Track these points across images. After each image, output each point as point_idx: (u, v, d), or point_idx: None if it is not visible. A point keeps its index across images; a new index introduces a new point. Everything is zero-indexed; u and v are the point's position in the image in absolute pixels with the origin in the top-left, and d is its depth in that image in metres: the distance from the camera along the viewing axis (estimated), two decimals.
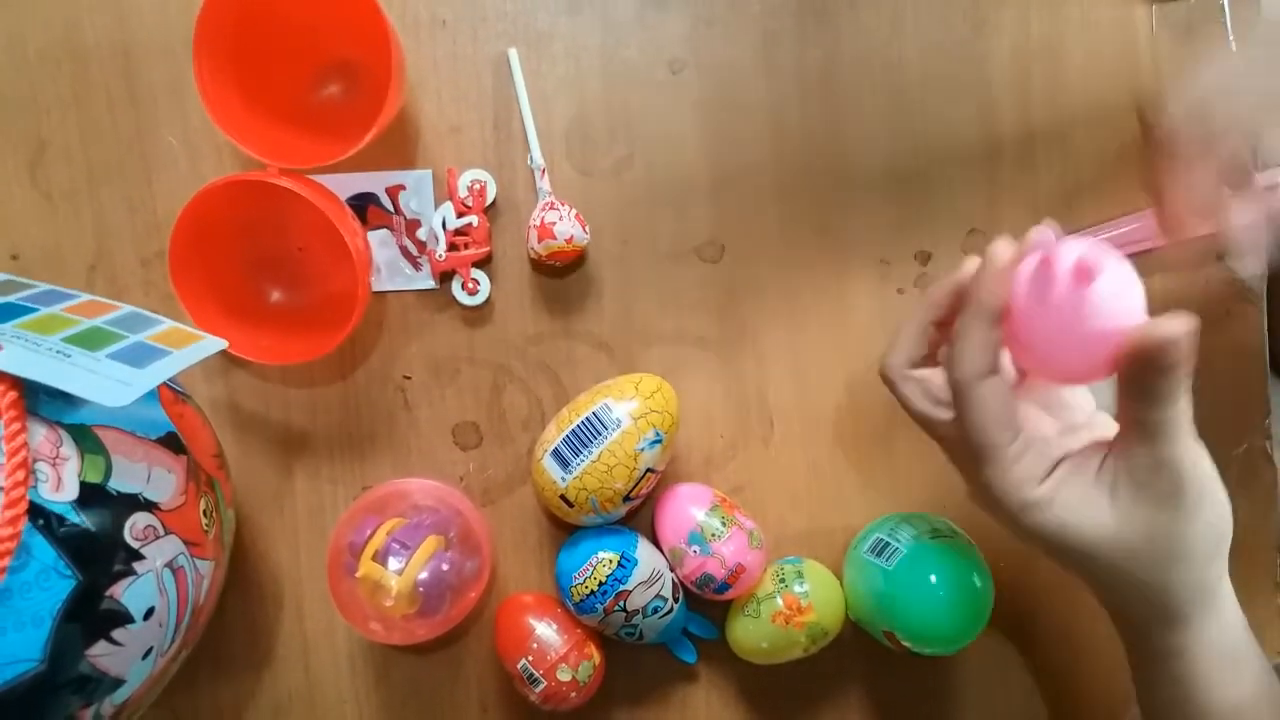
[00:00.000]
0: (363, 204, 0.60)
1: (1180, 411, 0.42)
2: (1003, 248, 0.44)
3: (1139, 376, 0.41)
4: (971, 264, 0.46)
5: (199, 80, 0.53)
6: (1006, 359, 0.49)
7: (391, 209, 0.60)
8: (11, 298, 0.48)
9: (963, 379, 0.45)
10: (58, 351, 0.43)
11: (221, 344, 0.50)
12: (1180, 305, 0.60)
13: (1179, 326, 0.39)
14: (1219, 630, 0.47)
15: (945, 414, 0.48)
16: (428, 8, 0.60)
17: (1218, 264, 0.61)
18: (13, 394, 0.41)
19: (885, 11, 0.61)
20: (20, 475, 0.39)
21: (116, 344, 0.46)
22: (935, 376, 0.49)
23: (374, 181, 0.60)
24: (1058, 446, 0.46)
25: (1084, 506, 0.44)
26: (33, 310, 0.47)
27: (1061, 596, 0.61)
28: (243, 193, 0.54)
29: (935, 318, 0.48)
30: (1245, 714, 0.48)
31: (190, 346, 0.48)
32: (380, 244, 0.61)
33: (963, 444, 0.46)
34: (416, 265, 0.61)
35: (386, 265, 0.61)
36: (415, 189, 0.60)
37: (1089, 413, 0.49)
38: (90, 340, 0.45)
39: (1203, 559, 0.45)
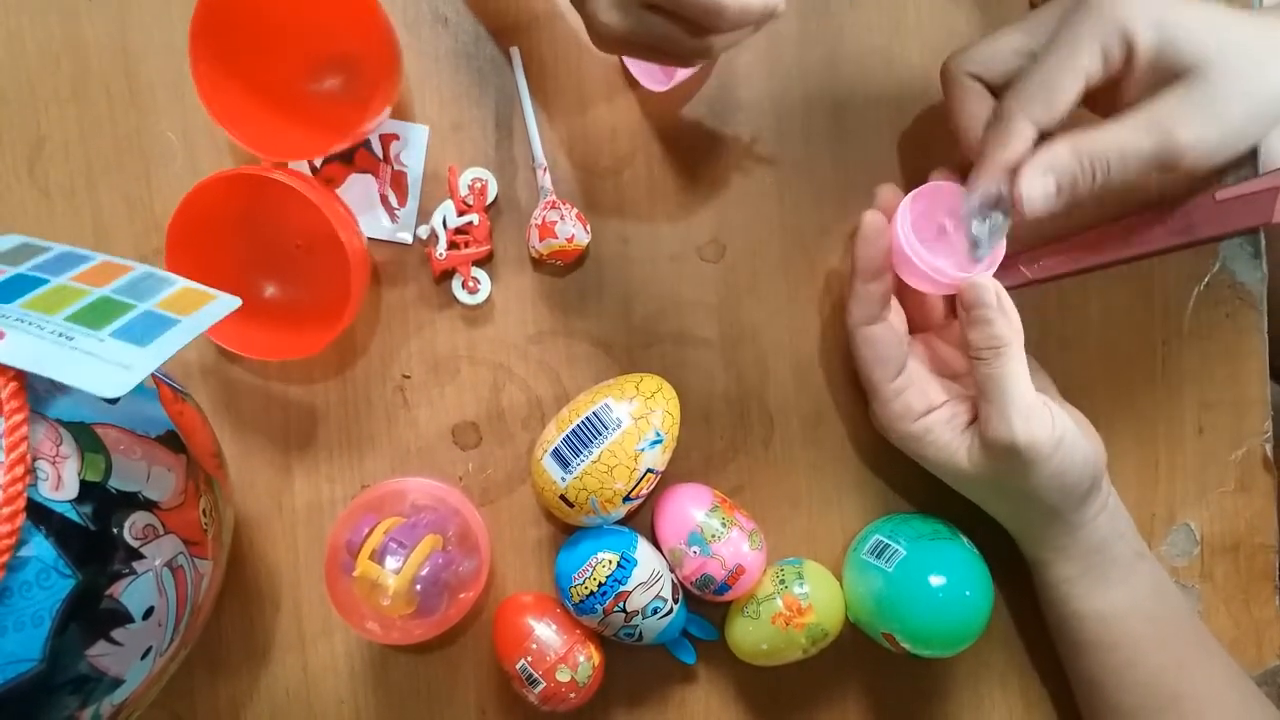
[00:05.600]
0: (353, 145, 0.60)
1: (1003, 374, 0.51)
2: (871, 218, 0.54)
3: (966, 330, 0.52)
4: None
5: (195, 73, 0.53)
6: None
7: (381, 156, 0.60)
8: (23, 267, 0.47)
9: (849, 326, 0.56)
10: (60, 334, 0.42)
11: (232, 304, 0.48)
12: (1180, 309, 0.61)
13: (985, 280, 0.51)
14: (1080, 551, 0.56)
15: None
16: (430, 5, 0.60)
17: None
18: (13, 385, 0.40)
19: (887, 11, 0.61)
20: (19, 471, 0.39)
21: (123, 317, 0.44)
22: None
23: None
24: (943, 390, 0.57)
25: (947, 450, 0.55)
26: (43, 282, 0.46)
27: None
28: (238, 188, 0.54)
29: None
30: (1111, 623, 0.56)
31: (198, 313, 0.47)
32: (362, 189, 0.60)
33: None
34: (394, 217, 0.60)
35: (364, 212, 0.60)
36: (409, 141, 0.60)
37: None
38: (96, 316, 0.44)
39: (1053, 502, 0.54)
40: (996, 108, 0.51)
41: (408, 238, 0.61)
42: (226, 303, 0.48)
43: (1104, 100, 0.51)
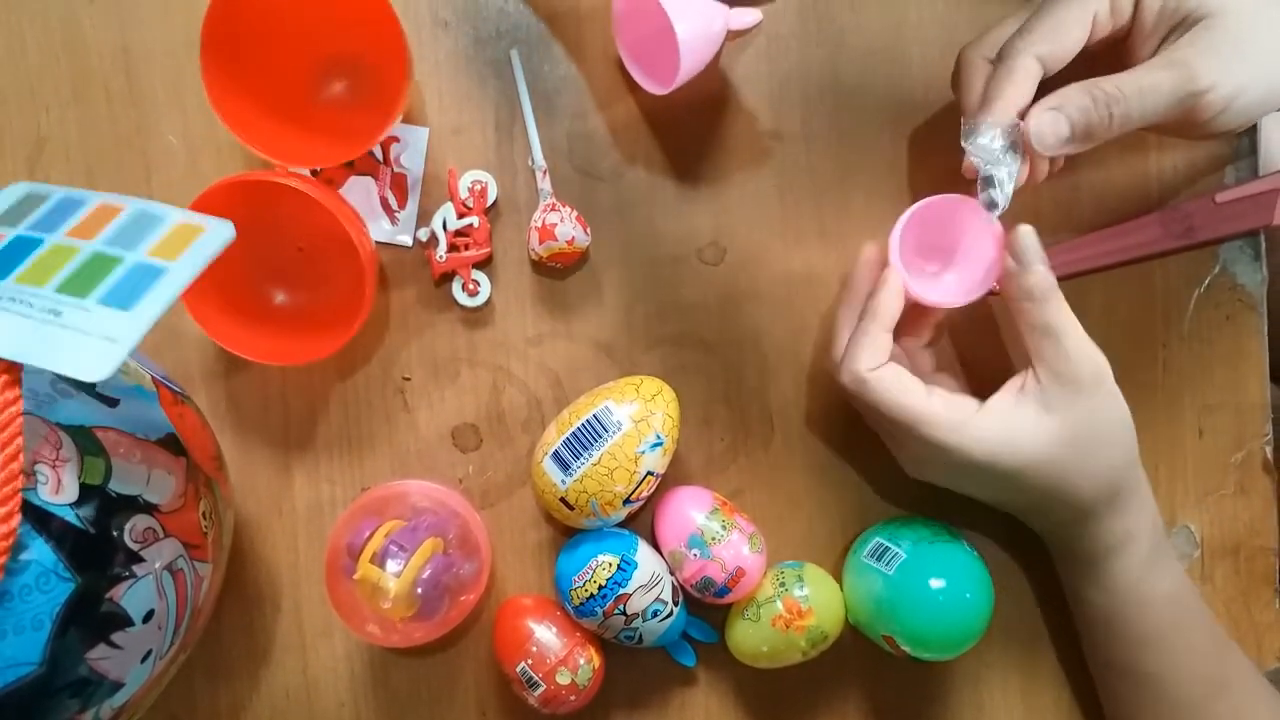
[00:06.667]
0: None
1: (1064, 309, 0.51)
2: (896, 279, 0.53)
3: (1021, 281, 0.51)
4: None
5: (206, 78, 0.53)
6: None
7: (381, 159, 0.60)
8: (22, 226, 0.46)
9: (856, 373, 0.53)
10: (49, 310, 0.41)
11: (224, 232, 0.45)
12: (1180, 311, 0.61)
13: (1026, 229, 0.51)
14: (1149, 522, 0.56)
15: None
16: (429, 8, 0.60)
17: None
18: (5, 378, 0.40)
19: (888, 13, 0.61)
20: (15, 469, 0.39)
21: (112, 274, 0.43)
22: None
23: None
24: (959, 383, 0.57)
25: (1024, 419, 0.52)
26: (38, 243, 0.45)
27: (1062, 601, 0.61)
28: (248, 193, 0.54)
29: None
30: (1176, 605, 0.56)
31: (186, 253, 0.44)
32: (362, 191, 0.60)
33: (891, 424, 0.53)
34: (394, 219, 0.61)
35: (365, 214, 0.60)
36: (409, 144, 0.60)
37: None
38: (85, 279, 0.43)
39: (1122, 448, 0.54)
40: (1002, 48, 0.51)
41: (407, 240, 0.61)
42: (217, 233, 0.45)
43: (1112, 65, 0.51)
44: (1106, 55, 0.52)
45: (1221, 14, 0.48)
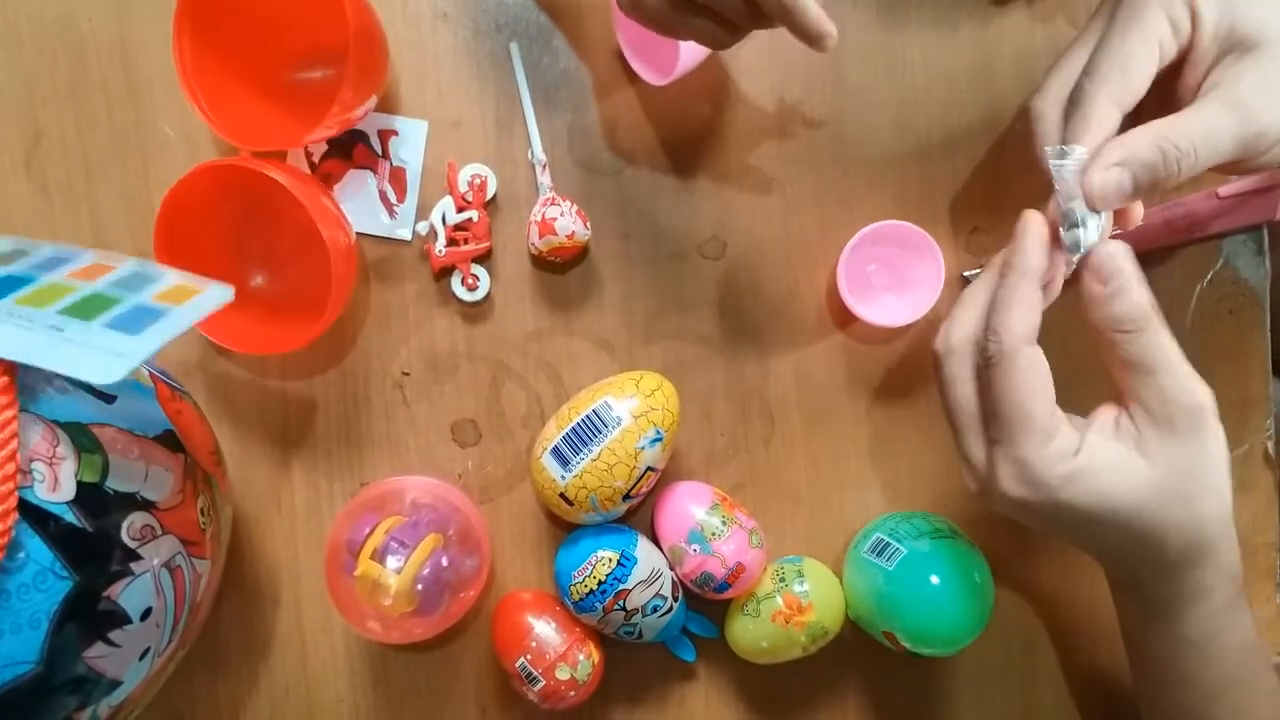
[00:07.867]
0: (352, 141, 0.60)
1: (1160, 341, 0.45)
2: (1035, 218, 0.46)
3: (1107, 306, 0.45)
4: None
5: (179, 64, 0.53)
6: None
7: (379, 152, 0.60)
8: (13, 267, 0.46)
9: (1006, 347, 0.45)
10: (51, 326, 0.42)
11: (225, 294, 0.47)
12: (1183, 305, 0.61)
13: (1115, 247, 0.45)
14: (1220, 572, 0.48)
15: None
16: (429, 1, 0.60)
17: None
18: (4, 379, 0.40)
19: (889, 8, 0.60)
20: (10, 469, 0.39)
21: (115, 309, 0.44)
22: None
23: (369, 121, 0.60)
24: (1079, 420, 0.48)
25: (1121, 464, 0.45)
26: (32, 280, 0.45)
27: (1061, 598, 0.61)
28: (227, 181, 0.54)
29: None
30: (1246, 653, 0.51)
31: (190, 303, 0.46)
32: (360, 185, 0.60)
33: (995, 421, 0.46)
34: (393, 213, 0.60)
35: (363, 208, 0.60)
36: (407, 137, 0.60)
37: None
38: (87, 309, 0.44)
39: (1216, 497, 0.46)
40: (1071, 94, 0.47)
41: (407, 234, 0.60)
42: (219, 293, 0.47)
43: (1162, 94, 0.48)
44: (1160, 82, 0.48)
45: (1273, 44, 0.44)
